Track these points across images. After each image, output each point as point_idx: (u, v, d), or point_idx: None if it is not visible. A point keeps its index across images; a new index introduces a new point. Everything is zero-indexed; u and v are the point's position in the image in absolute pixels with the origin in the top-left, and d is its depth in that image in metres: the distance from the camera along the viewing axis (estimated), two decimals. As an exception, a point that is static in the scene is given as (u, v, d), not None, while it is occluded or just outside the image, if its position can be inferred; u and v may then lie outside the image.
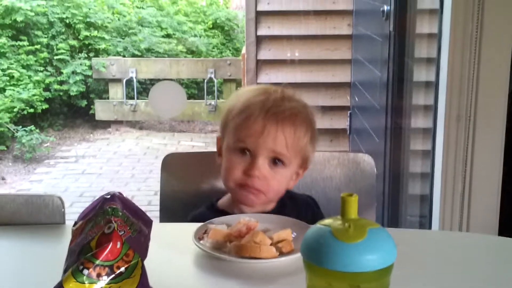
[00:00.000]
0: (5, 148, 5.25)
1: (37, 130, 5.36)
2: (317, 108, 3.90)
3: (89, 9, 6.25)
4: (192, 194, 1.34)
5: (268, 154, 1.15)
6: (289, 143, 1.15)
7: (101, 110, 5.78)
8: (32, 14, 5.86)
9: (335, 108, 3.92)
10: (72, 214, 0.97)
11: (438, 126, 2.03)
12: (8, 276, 0.92)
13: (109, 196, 0.81)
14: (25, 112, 5.49)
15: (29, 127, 5.29)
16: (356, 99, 3.74)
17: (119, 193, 0.82)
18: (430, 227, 2.13)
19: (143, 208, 0.84)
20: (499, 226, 2.01)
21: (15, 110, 5.40)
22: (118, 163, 5.08)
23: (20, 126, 5.32)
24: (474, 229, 2.00)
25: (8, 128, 5.30)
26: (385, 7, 2.64)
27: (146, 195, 4.27)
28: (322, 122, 3.91)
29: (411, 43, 2.49)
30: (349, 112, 3.87)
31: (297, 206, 1.23)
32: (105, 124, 5.84)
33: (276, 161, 1.16)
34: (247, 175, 1.15)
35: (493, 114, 1.93)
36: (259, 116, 1.14)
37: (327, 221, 0.67)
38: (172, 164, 1.37)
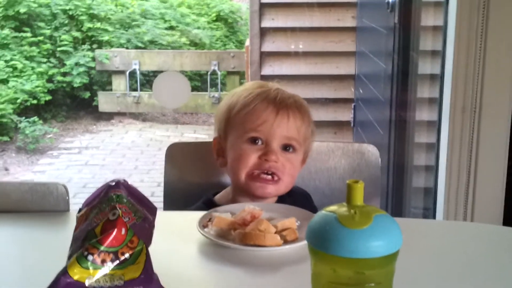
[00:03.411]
0: (9, 139, 5.25)
1: (40, 121, 5.37)
2: (321, 101, 3.91)
3: (92, 0, 6.24)
4: (196, 183, 1.34)
5: (280, 140, 1.17)
6: (299, 128, 1.19)
7: (104, 101, 5.78)
8: (35, 5, 5.85)
9: (339, 100, 3.92)
10: (75, 205, 0.97)
11: (443, 118, 2.02)
12: (13, 262, 0.92)
13: (114, 183, 0.81)
14: (28, 103, 5.50)
15: (32, 118, 5.30)
16: (360, 91, 3.74)
17: (124, 180, 0.82)
18: (434, 219, 2.12)
19: (146, 199, 0.84)
20: (503, 219, 2.00)
21: (18, 101, 5.41)
22: (121, 154, 5.08)
23: (24, 117, 5.33)
24: (478, 221, 1.99)
25: (12, 119, 5.30)
26: (390, -1, 2.63)
27: (150, 186, 4.27)
28: (326, 114, 3.90)
29: (416, 35, 2.48)
30: (353, 104, 3.87)
31: (295, 202, 1.23)
32: (108, 116, 5.85)
33: (287, 147, 1.18)
34: (264, 160, 1.16)
35: (498, 106, 1.92)
36: (269, 104, 1.17)
37: (332, 207, 0.67)
38: (176, 154, 1.36)
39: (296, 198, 1.25)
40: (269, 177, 1.16)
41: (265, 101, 1.17)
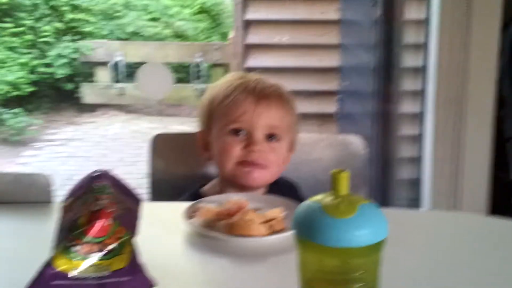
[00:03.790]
0: (-9, 131, 5.20)
1: (24, 113, 5.31)
2: (305, 93, 3.91)
3: (74, -9, 6.18)
4: (182, 174, 1.34)
5: (263, 130, 1.17)
6: (281, 117, 1.19)
7: (88, 93, 5.73)
8: (16, -4, 5.79)
9: (323, 93, 3.92)
10: (59, 197, 0.96)
11: (428, 110, 2.04)
12: (-4, 254, 0.91)
13: (97, 174, 0.81)
14: (11, 94, 5.43)
15: (15, 110, 5.24)
16: (345, 84, 3.74)
17: (108, 171, 0.82)
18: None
19: (132, 190, 0.84)
20: (490, 209, 2.02)
21: (1, 92, 5.35)
22: (105, 146, 5.05)
23: (7, 109, 5.27)
24: (464, 212, 2.01)
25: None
26: (374, -8, 2.63)
27: (135, 178, 4.25)
28: (311, 107, 3.91)
29: (400, 28, 2.48)
30: (337, 97, 3.87)
31: (281, 192, 1.23)
32: (92, 108, 5.80)
33: (271, 136, 1.18)
34: (247, 151, 1.16)
35: (482, 97, 1.94)
36: (248, 95, 1.17)
37: (318, 197, 0.67)
38: (161, 145, 1.36)
39: (283, 189, 1.25)
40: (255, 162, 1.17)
41: (245, 91, 1.17)
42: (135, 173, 4.40)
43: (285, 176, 1.29)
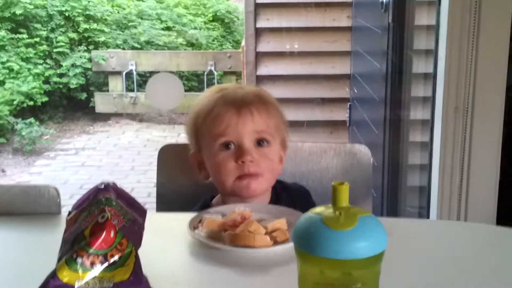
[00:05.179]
0: (5, 141, 5.26)
1: (37, 123, 5.37)
2: (317, 100, 3.92)
3: (89, 1, 6.24)
4: (189, 185, 1.34)
5: (251, 136, 1.17)
6: (266, 120, 1.18)
7: (101, 102, 5.78)
8: (31, 7, 5.85)
9: (335, 100, 3.92)
10: (71, 206, 0.97)
11: (436, 118, 2.03)
12: (4, 265, 0.92)
13: (103, 186, 0.81)
14: (24, 105, 5.50)
15: (28, 120, 5.30)
16: (356, 91, 3.74)
17: (113, 183, 0.83)
18: (428, 218, 2.13)
19: (142, 200, 0.84)
20: (497, 218, 2.01)
21: (15, 103, 5.41)
22: (118, 155, 5.09)
23: (20, 119, 5.33)
24: (472, 220, 2.00)
25: (8, 121, 5.30)
26: (384, -1, 2.63)
27: (146, 187, 4.28)
28: (322, 114, 3.91)
29: (410, 34, 2.48)
30: (349, 103, 3.87)
31: (291, 197, 1.23)
32: (105, 117, 5.85)
33: (260, 142, 1.18)
34: (240, 163, 1.16)
35: (490, 105, 1.93)
36: (229, 106, 1.17)
37: (318, 209, 0.67)
38: (169, 155, 1.37)
39: (293, 194, 1.25)
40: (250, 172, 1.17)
41: (225, 103, 1.17)
42: (146, 181, 4.43)
43: (296, 182, 1.29)
